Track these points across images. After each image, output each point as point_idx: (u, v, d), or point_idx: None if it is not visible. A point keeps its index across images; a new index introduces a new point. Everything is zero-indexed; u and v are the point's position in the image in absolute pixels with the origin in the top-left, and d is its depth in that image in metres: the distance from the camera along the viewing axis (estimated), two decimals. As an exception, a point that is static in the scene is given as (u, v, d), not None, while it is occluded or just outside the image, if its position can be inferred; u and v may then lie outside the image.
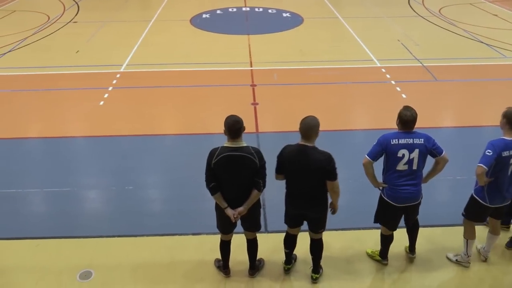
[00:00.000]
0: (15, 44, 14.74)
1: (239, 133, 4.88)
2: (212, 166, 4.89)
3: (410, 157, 5.13)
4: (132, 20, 17.96)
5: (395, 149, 5.14)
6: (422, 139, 5.15)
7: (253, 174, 4.93)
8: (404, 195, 5.27)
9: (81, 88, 11.46)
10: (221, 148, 4.91)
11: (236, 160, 4.85)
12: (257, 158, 4.89)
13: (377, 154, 5.23)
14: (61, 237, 6.35)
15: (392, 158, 5.19)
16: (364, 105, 10.87)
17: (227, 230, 5.36)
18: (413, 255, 5.91)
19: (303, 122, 5.03)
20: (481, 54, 13.84)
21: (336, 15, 18.56)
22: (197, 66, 12.96)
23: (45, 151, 8.97)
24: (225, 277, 5.62)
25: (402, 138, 5.15)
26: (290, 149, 5.05)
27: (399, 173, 5.21)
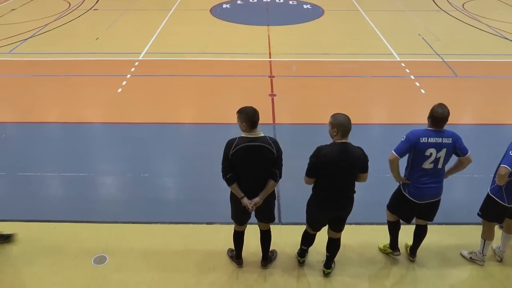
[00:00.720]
0: (36, 30, 14.89)
1: (257, 123, 4.87)
2: (230, 157, 4.86)
3: (437, 156, 5.05)
4: (152, 8, 18.00)
5: (424, 147, 5.03)
6: (450, 138, 5.05)
7: (270, 165, 4.90)
8: (427, 192, 5.23)
9: (100, 75, 11.55)
10: (239, 139, 4.87)
11: (254, 150, 4.82)
12: (274, 148, 4.86)
13: (405, 151, 5.13)
14: (77, 221, 6.44)
15: (419, 156, 5.09)
16: (382, 99, 10.76)
17: (242, 221, 5.37)
18: (413, 258, 5.84)
19: (341, 118, 4.79)
20: (505, 51, 13.58)
21: (357, 7, 18.37)
22: (216, 56, 12.96)
23: (63, 136, 9.08)
24: (237, 267, 5.65)
25: (432, 136, 5.04)
26: (329, 150, 4.83)
27: (424, 171, 5.14)
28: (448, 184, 5.54)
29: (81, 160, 8.00)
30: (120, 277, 5.54)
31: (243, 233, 5.49)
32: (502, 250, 5.82)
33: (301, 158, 5.10)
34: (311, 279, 5.58)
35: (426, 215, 5.52)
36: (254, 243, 5.67)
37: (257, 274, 5.60)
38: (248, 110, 4.89)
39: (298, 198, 5.34)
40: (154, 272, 5.63)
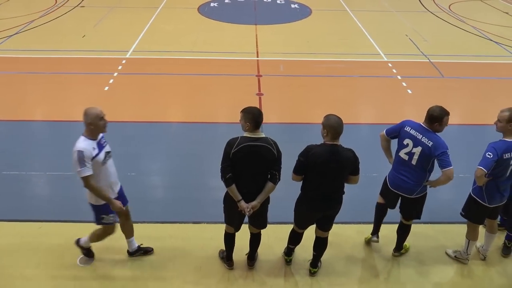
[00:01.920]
0: (22, 26, 14.72)
1: (260, 124, 4.85)
2: (231, 157, 4.78)
3: (412, 150, 5.17)
4: (140, 6, 17.89)
5: (404, 135, 5.25)
6: (431, 142, 5.08)
7: (269, 166, 4.87)
8: (397, 181, 5.42)
9: (86, 73, 11.46)
10: (241, 138, 4.81)
11: (256, 151, 4.78)
12: (275, 149, 4.84)
13: (393, 133, 5.41)
14: (63, 221, 6.38)
15: (399, 142, 5.32)
16: (369, 99, 10.83)
17: (234, 223, 5.28)
18: (395, 253, 5.93)
19: (333, 121, 4.80)
20: (490, 52, 13.75)
21: (345, 7, 18.45)
22: (203, 55, 12.93)
23: (49, 134, 8.99)
24: (228, 268, 5.60)
25: (415, 129, 5.21)
26: (319, 150, 4.84)
27: (400, 160, 5.35)
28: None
29: (67, 159, 7.81)
30: (106, 277, 5.50)
31: (234, 235, 5.42)
32: (485, 249, 5.90)
33: (289, 157, 5.10)
34: (298, 278, 5.60)
35: (404, 211, 5.64)
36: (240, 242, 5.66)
37: (244, 273, 5.59)
38: (254, 110, 4.86)
39: (285, 198, 5.35)
40: (141, 272, 5.60)
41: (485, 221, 5.73)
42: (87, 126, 4.98)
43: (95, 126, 4.96)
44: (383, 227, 5.97)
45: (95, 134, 5.03)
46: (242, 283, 5.50)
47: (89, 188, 5.00)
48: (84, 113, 4.96)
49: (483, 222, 5.70)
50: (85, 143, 4.94)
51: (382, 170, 5.46)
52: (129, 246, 5.76)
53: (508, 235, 5.99)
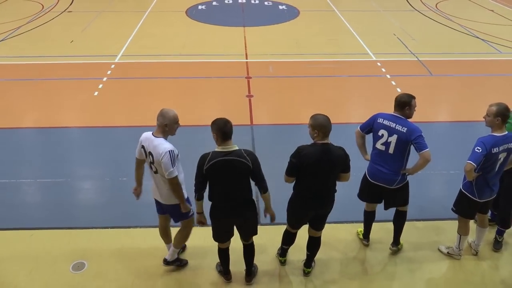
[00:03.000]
0: (8, 33, 14.62)
1: (231, 134, 4.69)
2: (204, 173, 4.72)
3: (388, 140, 5.27)
4: (127, 10, 17.84)
5: (377, 127, 5.34)
6: (405, 128, 5.19)
7: (246, 178, 4.80)
8: (376, 173, 5.48)
9: (75, 78, 11.39)
10: (213, 153, 4.71)
11: (229, 165, 4.67)
12: (250, 161, 4.71)
13: (367, 127, 5.50)
14: (55, 228, 6.34)
15: (374, 135, 5.40)
16: (359, 98, 10.87)
17: (224, 240, 5.24)
18: (393, 247, 5.96)
19: (322, 119, 4.81)
20: (477, 49, 13.87)
21: (332, 8, 18.53)
22: (192, 58, 12.92)
23: (39, 141, 8.93)
24: (226, 282, 5.53)
25: (388, 119, 5.30)
26: (310, 150, 4.82)
27: (377, 151, 5.42)
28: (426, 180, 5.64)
29: (57, 165, 7.88)
30: (100, 284, 5.47)
31: (227, 249, 5.36)
32: (477, 244, 5.95)
33: (280, 158, 5.12)
34: (293, 278, 5.61)
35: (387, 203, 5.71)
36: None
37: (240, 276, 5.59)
38: (219, 121, 4.72)
39: (277, 199, 5.34)
40: (134, 277, 5.57)
41: (476, 216, 5.78)
42: (161, 128, 4.93)
43: (170, 128, 4.95)
44: (375, 225, 6.00)
45: (167, 135, 4.98)
46: (237, 283, 5.50)
47: (177, 187, 4.97)
48: (161, 114, 4.93)
49: (474, 217, 5.76)
50: (170, 144, 4.90)
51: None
52: (170, 255, 5.64)
53: (498, 229, 6.06)
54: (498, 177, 5.44)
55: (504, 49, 13.80)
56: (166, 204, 5.22)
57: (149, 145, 4.96)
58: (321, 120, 4.82)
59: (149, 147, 4.97)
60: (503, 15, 17.56)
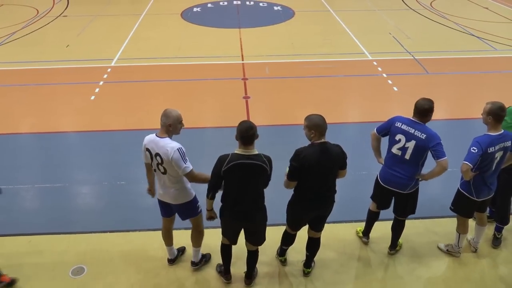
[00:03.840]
0: (3, 38, 14.59)
1: (252, 140, 4.65)
2: (222, 174, 4.68)
3: (405, 145, 5.18)
4: (123, 14, 17.83)
5: (395, 131, 5.25)
6: (424, 135, 5.12)
7: (262, 182, 4.81)
8: (391, 177, 5.42)
9: (71, 83, 11.37)
10: (232, 155, 4.67)
11: (248, 169, 4.65)
12: (268, 166, 4.71)
13: (384, 130, 5.39)
14: (53, 233, 6.31)
15: (391, 139, 5.32)
16: (356, 98, 10.88)
17: (233, 239, 5.23)
18: (391, 251, 5.96)
19: (317, 119, 4.79)
20: (472, 47, 13.90)
21: (327, 8, 18.55)
22: (188, 60, 12.91)
23: (36, 147, 8.90)
24: (225, 282, 5.52)
25: (406, 124, 5.21)
26: (309, 151, 4.79)
27: (393, 156, 5.33)
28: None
29: (55, 171, 7.86)
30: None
31: (230, 246, 5.34)
32: (476, 241, 5.97)
33: (278, 159, 5.10)
34: (292, 279, 5.61)
35: (399, 209, 5.65)
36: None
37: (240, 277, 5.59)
38: (242, 125, 4.67)
39: (276, 199, 5.34)
40: (134, 281, 5.56)
41: (474, 214, 5.79)
42: (165, 128, 4.96)
43: (174, 128, 4.98)
44: (376, 224, 6.00)
45: (171, 135, 5.00)
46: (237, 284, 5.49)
47: (197, 179, 4.97)
48: (165, 114, 4.97)
49: (472, 215, 5.77)
50: (176, 142, 4.94)
51: (371, 168, 5.49)
52: (194, 256, 5.69)
53: (497, 226, 6.07)
54: (495, 176, 5.45)
55: (499, 46, 13.84)
56: (175, 204, 5.22)
57: (155, 146, 4.94)
58: (316, 120, 4.80)
59: (155, 148, 4.94)
60: (498, 13, 17.61)
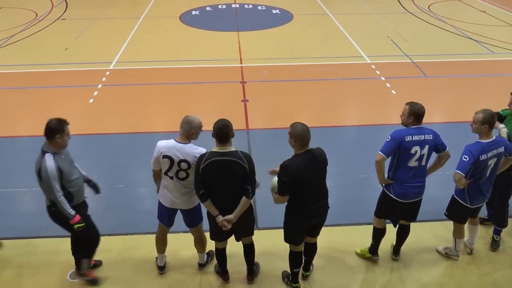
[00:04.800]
0: (2, 41, 14.59)
1: (227, 138, 4.72)
2: (201, 172, 4.76)
3: (421, 153, 5.15)
4: (121, 17, 17.85)
5: (409, 145, 5.10)
6: (431, 135, 5.18)
7: (242, 180, 4.78)
8: (413, 190, 5.30)
9: (70, 86, 11.38)
10: (209, 153, 4.77)
11: (225, 166, 4.71)
12: (246, 162, 4.73)
13: (392, 150, 5.17)
14: (51, 237, 6.28)
15: (405, 154, 5.14)
16: (355, 101, 10.90)
17: (221, 238, 5.23)
18: (396, 257, 5.94)
19: (300, 130, 4.73)
20: (470, 50, 13.95)
21: (325, 11, 18.59)
22: (187, 63, 12.93)
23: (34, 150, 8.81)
24: (224, 283, 5.54)
25: (415, 134, 5.13)
26: (297, 162, 4.75)
27: (410, 169, 5.20)
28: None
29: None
30: (98, 291, 5.45)
31: (224, 249, 5.38)
32: (471, 242, 6.01)
33: (276, 162, 5.10)
34: (291, 283, 5.60)
35: (409, 216, 5.59)
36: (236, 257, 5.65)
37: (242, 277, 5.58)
38: (217, 124, 4.77)
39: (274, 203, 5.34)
40: (132, 283, 5.56)
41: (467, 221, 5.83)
42: (186, 134, 5.00)
43: (195, 135, 5.03)
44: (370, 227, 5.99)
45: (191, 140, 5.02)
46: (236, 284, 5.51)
47: None
48: (187, 121, 5.01)
49: (466, 221, 5.78)
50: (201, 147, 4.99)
51: (369, 171, 5.50)
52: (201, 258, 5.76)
53: (495, 229, 6.08)
54: (490, 183, 5.45)
55: (497, 49, 13.89)
56: (186, 209, 5.24)
57: (180, 153, 4.94)
58: (299, 130, 4.74)
59: (179, 155, 4.93)
60: (495, 16, 17.67)
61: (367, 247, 5.91)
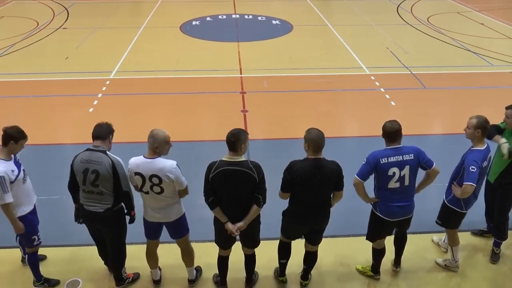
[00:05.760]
0: (3, 50, 14.65)
1: (235, 147, 4.74)
2: (210, 180, 4.79)
3: (401, 174, 5.04)
4: (122, 26, 17.94)
5: (385, 167, 5.01)
6: (412, 154, 5.06)
7: (252, 189, 4.81)
8: (398, 210, 5.22)
9: (70, 95, 11.41)
10: (219, 162, 4.80)
11: (234, 175, 4.74)
12: (255, 172, 4.76)
13: (367, 174, 5.11)
14: (49, 246, 6.26)
15: (382, 177, 5.08)
16: (354, 112, 10.93)
17: (226, 245, 5.26)
18: (397, 268, 5.91)
19: (314, 135, 4.83)
20: (469, 62, 14.01)
21: (325, 22, 18.70)
22: (187, 73, 12.97)
23: (34, 158, 8.87)
24: None
25: (391, 155, 5.01)
26: (302, 165, 4.85)
27: (392, 191, 5.12)
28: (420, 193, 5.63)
29: (52, 182, 7.83)
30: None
31: (227, 258, 5.39)
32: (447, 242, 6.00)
33: (275, 173, 5.13)
34: (291, 294, 5.59)
35: (404, 227, 5.57)
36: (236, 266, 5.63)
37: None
38: (229, 132, 4.81)
39: (273, 214, 5.34)
40: (131, 294, 5.54)
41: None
42: (152, 149, 4.98)
43: (161, 149, 5.00)
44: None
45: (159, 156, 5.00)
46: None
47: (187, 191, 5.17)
48: (152, 135, 5.00)
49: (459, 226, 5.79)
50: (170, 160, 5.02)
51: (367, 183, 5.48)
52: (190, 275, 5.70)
53: (495, 241, 6.08)
54: (481, 185, 5.52)
55: (495, 61, 13.96)
56: (169, 221, 5.20)
57: (149, 168, 4.90)
58: (313, 135, 4.84)
59: (148, 170, 4.90)
60: (493, 28, 17.78)
61: (368, 265, 5.87)
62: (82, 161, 5.07)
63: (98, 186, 5.00)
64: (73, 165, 5.17)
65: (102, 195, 5.04)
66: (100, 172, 4.96)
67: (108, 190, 5.02)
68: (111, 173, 4.98)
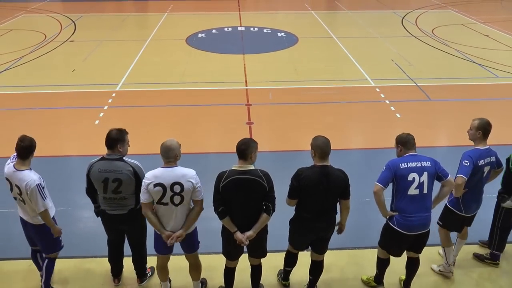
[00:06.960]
0: (12, 62, 14.80)
1: (246, 155, 4.81)
2: (220, 190, 4.80)
3: (420, 180, 5.02)
4: (129, 39, 18.09)
5: (405, 172, 5.02)
6: (429, 161, 5.09)
7: (261, 198, 4.84)
8: (417, 222, 5.12)
9: (77, 107, 11.49)
10: (229, 171, 4.83)
11: (244, 184, 4.77)
12: (265, 181, 4.79)
13: (388, 180, 5.07)
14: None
15: (402, 182, 5.05)
16: (359, 124, 10.93)
17: (234, 256, 5.25)
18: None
19: (320, 141, 4.94)
20: (474, 74, 14.01)
21: (330, 34, 18.78)
22: (193, 86, 13.04)
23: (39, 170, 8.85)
24: None
25: (410, 161, 5.05)
26: (309, 172, 4.91)
27: (411, 198, 5.06)
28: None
29: (58, 194, 7.80)
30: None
31: (234, 269, 5.37)
32: (455, 254, 6.00)
33: (280, 185, 5.13)
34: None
35: (416, 248, 5.41)
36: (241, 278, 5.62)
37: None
38: (240, 140, 4.90)
39: (278, 225, 5.34)
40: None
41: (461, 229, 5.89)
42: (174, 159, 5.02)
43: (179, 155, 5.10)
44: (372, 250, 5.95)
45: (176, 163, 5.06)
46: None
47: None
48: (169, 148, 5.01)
49: (460, 229, 5.85)
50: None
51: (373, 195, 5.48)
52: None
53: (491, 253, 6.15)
54: (481, 191, 5.60)
55: (501, 73, 13.95)
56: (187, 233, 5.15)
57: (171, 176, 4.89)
58: (319, 142, 4.94)
59: (171, 178, 4.87)
60: (498, 40, 17.79)
61: (372, 276, 5.83)
62: (100, 171, 5.18)
63: (120, 192, 5.15)
64: (89, 175, 5.31)
65: (125, 199, 5.21)
66: (123, 180, 5.11)
67: (130, 193, 5.19)
68: (133, 178, 5.14)
